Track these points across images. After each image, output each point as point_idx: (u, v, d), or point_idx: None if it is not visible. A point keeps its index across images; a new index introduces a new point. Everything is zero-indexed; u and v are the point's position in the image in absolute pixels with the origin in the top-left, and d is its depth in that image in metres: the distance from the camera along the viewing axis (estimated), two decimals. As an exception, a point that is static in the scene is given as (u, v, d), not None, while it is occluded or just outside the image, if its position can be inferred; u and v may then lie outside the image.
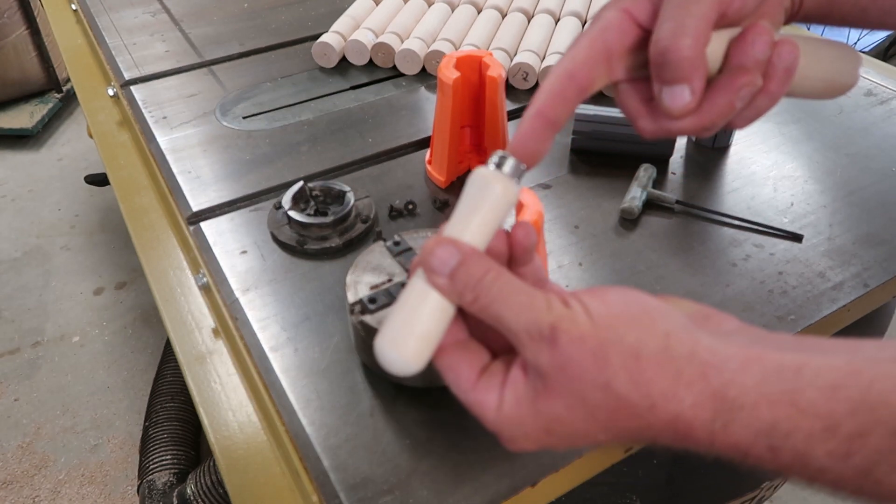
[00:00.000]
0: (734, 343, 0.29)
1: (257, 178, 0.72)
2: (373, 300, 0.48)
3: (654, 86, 0.34)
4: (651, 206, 0.67)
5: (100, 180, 1.93)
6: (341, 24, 0.95)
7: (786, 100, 0.69)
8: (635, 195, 0.66)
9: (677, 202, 0.67)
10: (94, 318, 1.67)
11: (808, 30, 1.37)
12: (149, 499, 1.15)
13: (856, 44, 1.87)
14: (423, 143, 0.77)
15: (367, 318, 0.47)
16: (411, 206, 0.67)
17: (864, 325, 0.70)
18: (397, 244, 0.53)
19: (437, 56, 0.88)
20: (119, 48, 0.97)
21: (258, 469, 0.50)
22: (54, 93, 2.38)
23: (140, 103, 0.85)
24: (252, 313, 0.56)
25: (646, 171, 0.69)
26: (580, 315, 0.30)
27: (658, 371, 0.28)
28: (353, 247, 0.63)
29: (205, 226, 0.66)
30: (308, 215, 0.63)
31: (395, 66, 0.91)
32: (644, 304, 0.30)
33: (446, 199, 0.68)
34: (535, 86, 0.85)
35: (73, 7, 1.14)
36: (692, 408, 0.28)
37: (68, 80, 2.38)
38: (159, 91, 0.88)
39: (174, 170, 0.73)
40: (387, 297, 0.49)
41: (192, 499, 1.09)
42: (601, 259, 0.61)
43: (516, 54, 0.87)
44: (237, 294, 0.58)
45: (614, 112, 0.73)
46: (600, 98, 0.84)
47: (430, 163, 0.72)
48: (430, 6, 1.00)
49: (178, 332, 0.60)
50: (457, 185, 0.71)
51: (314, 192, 0.66)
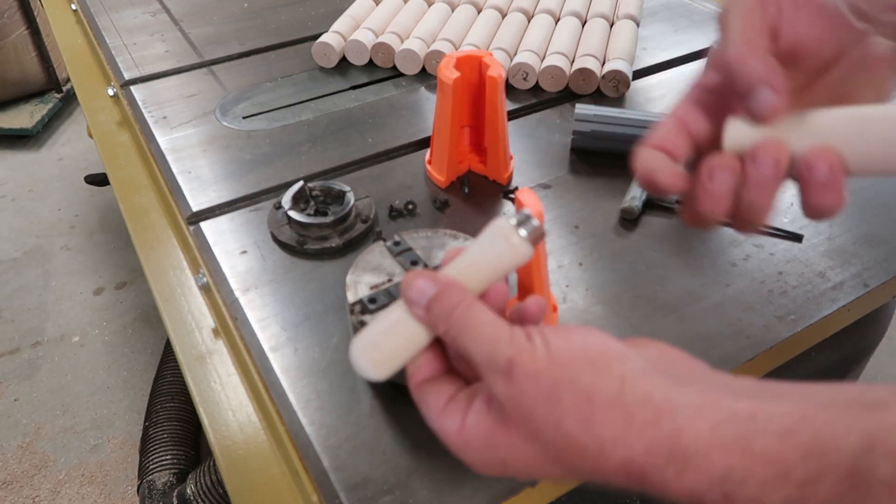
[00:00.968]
0: (691, 390, 0.29)
1: (257, 178, 0.72)
2: (373, 300, 0.48)
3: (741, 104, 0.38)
4: (651, 206, 0.67)
5: (100, 180, 1.93)
6: (341, 24, 0.95)
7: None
8: (635, 195, 0.66)
9: (677, 202, 0.67)
10: (94, 318, 1.67)
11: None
12: (149, 499, 1.15)
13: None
14: (423, 143, 0.77)
15: (367, 318, 0.47)
16: (411, 206, 0.67)
17: (865, 325, 0.70)
18: (397, 244, 0.53)
19: (437, 56, 0.88)
20: (119, 48, 0.97)
21: (258, 469, 0.50)
22: (54, 93, 2.38)
23: (140, 103, 0.85)
24: (252, 313, 0.56)
25: (646, 171, 0.69)
26: (539, 351, 0.30)
27: (609, 415, 0.28)
28: (353, 247, 0.63)
29: (205, 226, 0.66)
30: (308, 215, 0.63)
31: (395, 66, 0.91)
32: (604, 346, 0.31)
33: (446, 199, 0.68)
34: (536, 86, 0.85)
35: (73, 7, 1.14)
36: (644, 454, 0.28)
37: (68, 80, 2.38)
38: (159, 91, 0.88)
39: (174, 170, 0.73)
40: (387, 297, 0.49)
41: (192, 499, 1.09)
42: (601, 259, 0.61)
43: (516, 54, 0.87)
44: (237, 294, 0.58)
45: (614, 112, 0.73)
46: (600, 98, 0.84)
47: (430, 163, 0.72)
48: (430, 6, 1.00)
49: (178, 332, 0.60)
50: (456, 185, 0.71)
51: (314, 192, 0.66)
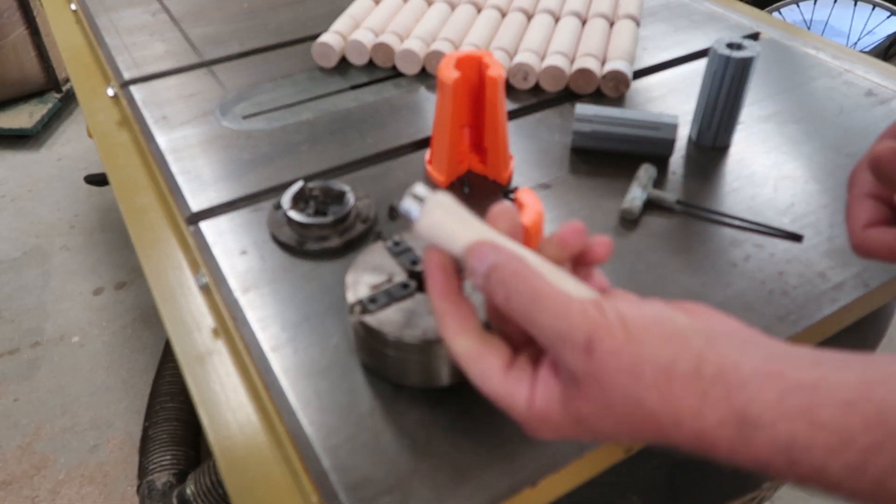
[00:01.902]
0: (756, 360, 0.30)
1: (257, 178, 0.72)
2: (373, 300, 0.48)
3: None
4: (651, 206, 0.67)
5: (99, 180, 1.93)
6: (341, 24, 0.94)
7: (785, 99, 0.70)
8: (635, 195, 0.66)
9: (677, 202, 0.67)
10: (93, 318, 1.66)
11: (809, 29, 1.37)
12: (148, 499, 1.15)
13: (856, 44, 1.87)
14: (423, 143, 0.77)
15: (367, 318, 0.47)
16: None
17: (865, 325, 0.70)
18: (397, 244, 0.53)
19: (437, 56, 0.88)
20: (119, 48, 0.97)
21: (258, 469, 0.50)
22: (54, 93, 2.38)
23: (140, 103, 0.85)
24: (252, 313, 0.56)
25: (646, 171, 0.69)
26: (616, 327, 0.30)
27: (687, 390, 0.29)
28: (353, 247, 0.63)
29: (204, 226, 0.66)
30: (308, 215, 0.63)
31: (395, 66, 0.91)
32: (674, 321, 0.31)
33: (446, 199, 0.68)
34: (536, 86, 0.85)
35: (73, 7, 1.14)
36: (716, 426, 0.29)
37: (68, 80, 2.38)
38: (159, 91, 0.88)
39: (174, 170, 0.73)
40: (387, 297, 0.49)
41: (191, 499, 1.09)
42: (601, 259, 0.61)
43: (516, 54, 0.87)
44: (237, 294, 0.58)
45: (614, 111, 0.73)
46: (600, 98, 0.84)
47: (430, 163, 0.72)
48: (430, 6, 1.00)
49: (177, 332, 0.60)
50: (457, 185, 0.71)
51: (314, 193, 0.66)
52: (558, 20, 0.95)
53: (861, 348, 0.78)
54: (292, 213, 0.62)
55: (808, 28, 1.89)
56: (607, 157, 0.74)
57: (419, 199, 0.37)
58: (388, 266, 0.51)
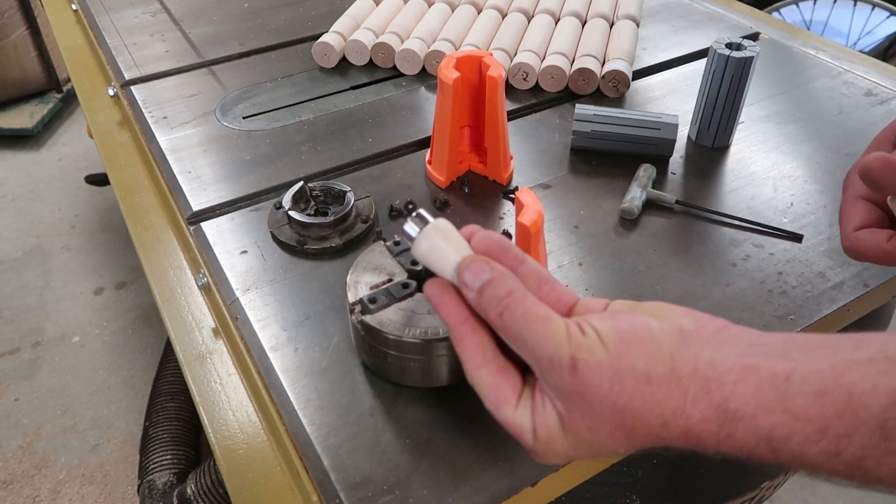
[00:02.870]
0: (729, 355, 0.32)
1: (257, 178, 0.72)
2: (373, 300, 0.48)
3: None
4: (651, 206, 0.67)
5: (100, 180, 1.93)
6: (341, 24, 0.95)
7: (785, 99, 0.70)
8: (635, 195, 0.66)
9: (677, 202, 0.67)
10: (94, 318, 1.67)
11: (808, 29, 1.37)
12: (149, 499, 1.15)
13: (856, 44, 1.87)
14: (423, 143, 0.77)
15: (368, 318, 0.47)
16: (411, 206, 0.67)
17: (864, 325, 0.70)
18: (397, 244, 0.53)
19: (437, 56, 0.88)
20: (119, 48, 0.97)
21: (258, 469, 0.50)
22: (54, 93, 2.38)
23: (140, 103, 0.85)
24: (252, 313, 0.56)
25: (646, 171, 0.69)
26: (596, 344, 0.33)
27: (667, 392, 0.31)
28: (353, 247, 0.63)
29: (205, 226, 0.66)
30: (308, 215, 0.63)
31: (395, 66, 0.91)
32: (648, 327, 0.33)
33: (446, 199, 0.68)
34: (536, 86, 0.85)
35: (74, 7, 1.15)
36: (700, 422, 0.31)
37: (68, 80, 2.38)
38: (159, 91, 0.88)
39: (174, 170, 0.73)
40: (387, 297, 0.49)
41: (192, 499, 1.09)
42: (601, 259, 0.61)
43: (516, 54, 0.87)
44: (237, 294, 0.58)
45: (614, 111, 0.73)
46: (600, 98, 0.84)
47: (430, 163, 0.73)
48: (430, 6, 1.00)
49: (178, 331, 0.60)
50: (456, 185, 0.71)
51: (314, 192, 0.66)
52: (558, 20, 0.95)
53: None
54: (293, 213, 0.62)
55: (808, 28, 1.89)
56: (607, 157, 0.74)
57: (420, 222, 0.38)
58: (389, 266, 0.51)
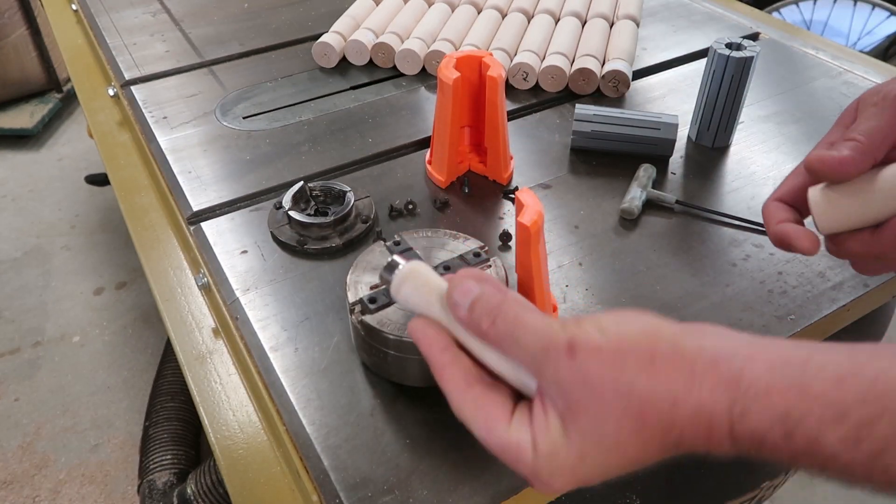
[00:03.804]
0: (736, 342, 0.30)
1: (257, 178, 0.72)
2: (373, 300, 0.48)
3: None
4: (651, 206, 0.67)
5: (100, 180, 1.93)
6: (341, 24, 0.95)
7: (785, 99, 0.70)
8: (635, 195, 0.66)
9: (677, 202, 0.67)
10: (94, 318, 1.67)
11: (808, 29, 1.37)
12: (149, 498, 1.15)
13: (856, 44, 1.87)
14: (423, 143, 0.77)
15: (368, 318, 0.47)
16: (411, 206, 0.67)
17: (864, 325, 0.70)
18: (397, 244, 0.53)
19: (437, 56, 0.88)
20: (119, 48, 0.97)
21: (258, 469, 0.50)
22: (54, 93, 2.38)
23: (140, 103, 0.85)
24: (252, 313, 0.56)
25: (646, 171, 0.69)
26: (592, 330, 0.31)
27: (673, 367, 0.30)
28: (353, 247, 0.63)
29: (205, 226, 0.66)
30: (308, 215, 0.63)
31: (395, 66, 0.91)
32: (647, 317, 0.32)
33: (446, 199, 0.68)
34: (536, 86, 0.85)
35: (74, 7, 1.15)
36: (710, 398, 0.29)
37: (68, 80, 2.38)
38: (159, 91, 0.88)
39: (174, 170, 0.73)
40: (387, 296, 0.49)
41: (192, 498, 1.09)
42: (601, 259, 0.61)
43: (516, 54, 0.87)
44: (237, 294, 0.58)
45: (614, 112, 0.73)
46: (600, 98, 0.84)
47: (430, 163, 0.73)
48: (430, 6, 1.00)
49: (178, 331, 0.60)
50: (456, 185, 0.71)
51: (314, 192, 0.66)
52: (558, 20, 0.95)
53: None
54: (293, 213, 0.62)
55: (808, 28, 1.89)
56: (607, 157, 0.74)
57: (392, 269, 0.38)
58: (388, 266, 0.51)
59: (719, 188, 0.70)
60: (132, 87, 0.89)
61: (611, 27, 0.93)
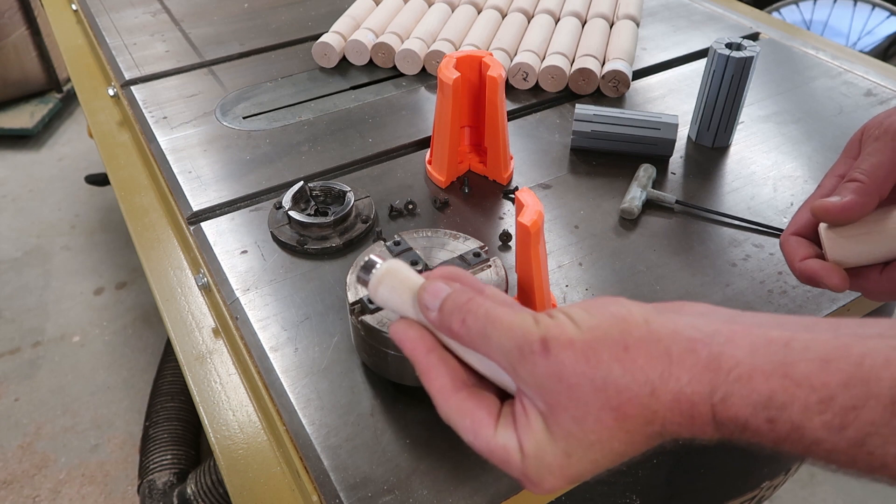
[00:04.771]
0: (713, 321, 0.29)
1: (257, 178, 0.72)
2: (372, 300, 0.48)
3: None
4: (651, 206, 0.67)
5: (100, 180, 1.93)
6: (341, 24, 0.95)
7: (785, 99, 0.70)
8: (635, 195, 0.66)
9: (677, 202, 0.67)
10: (94, 318, 1.67)
11: (808, 29, 1.37)
12: (149, 498, 1.15)
13: (856, 44, 1.87)
14: (423, 143, 0.77)
15: (368, 318, 0.47)
16: (411, 206, 0.67)
17: (864, 324, 0.70)
18: (397, 244, 0.53)
19: (437, 56, 0.88)
20: (119, 48, 0.97)
21: (258, 469, 0.50)
22: (54, 93, 2.38)
23: (140, 103, 0.85)
24: (252, 313, 0.56)
25: (645, 171, 0.69)
26: (566, 323, 0.30)
27: (648, 355, 0.29)
28: (353, 247, 0.63)
29: (205, 226, 0.66)
30: (308, 215, 0.63)
31: (395, 66, 0.91)
32: (618, 301, 0.31)
33: (446, 199, 0.68)
34: (536, 86, 0.85)
35: (74, 7, 1.15)
36: (689, 383, 0.28)
37: (68, 80, 2.38)
38: (159, 91, 0.88)
39: (174, 170, 0.73)
40: (386, 296, 0.49)
41: (192, 498, 1.09)
42: (601, 259, 0.61)
43: (516, 54, 0.87)
44: (237, 294, 0.58)
45: (614, 112, 0.73)
46: (600, 98, 0.84)
47: (430, 163, 0.73)
48: (430, 6, 1.00)
49: (178, 331, 0.60)
50: (456, 185, 0.71)
51: (314, 192, 0.66)
52: (558, 20, 0.95)
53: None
54: (293, 213, 0.62)
55: (808, 28, 1.89)
56: (607, 157, 0.74)
57: (372, 266, 0.37)
58: (388, 266, 0.51)
59: (719, 188, 0.70)
60: (132, 87, 0.89)
61: (611, 27, 0.93)
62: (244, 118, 0.82)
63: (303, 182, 0.65)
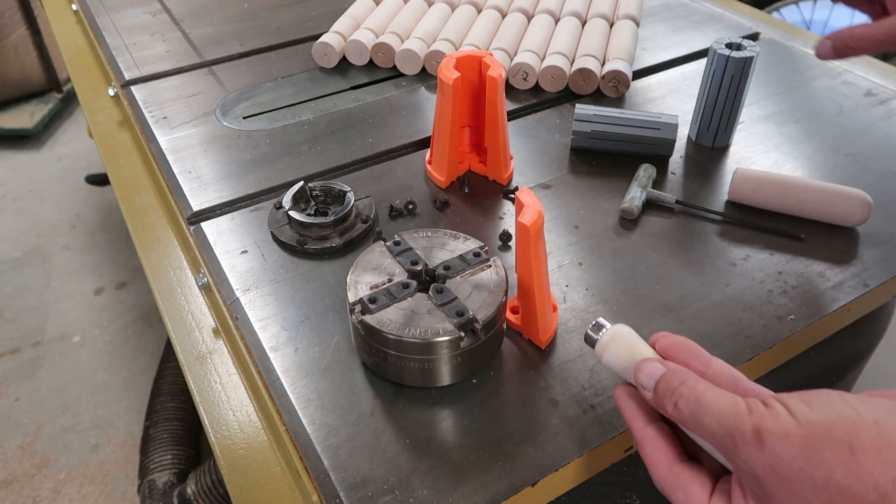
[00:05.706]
0: None
1: (257, 178, 0.72)
2: (373, 300, 0.48)
3: None
4: (651, 205, 0.67)
5: (100, 180, 1.94)
6: (341, 24, 0.95)
7: (785, 99, 0.70)
8: (635, 195, 0.66)
9: (677, 202, 0.67)
10: (94, 318, 1.67)
11: (808, 29, 1.37)
12: (149, 498, 1.15)
13: (856, 44, 1.86)
14: (423, 143, 0.77)
15: (368, 318, 0.47)
16: (411, 206, 0.67)
17: (864, 325, 0.70)
18: (397, 244, 0.53)
19: (437, 56, 0.88)
20: (119, 48, 0.97)
21: (258, 469, 0.50)
22: (55, 93, 2.38)
23: (140, 103, 0.85)
24: (252, 313, 0.56)
25: (645, 171, 0.69)
26: (782, 414, 0.30)
27: (878, 461, 0.28)
28: (353, 247, 0.63)
29: (205, 226, 0.66)
30: (308, 215, 0.63)
31: (395, 66, 0.91)
32: (843, 397, 0.31)
33: (446, 199, 0.68)
34: (536, 86, 0.85)
35: (74, 7, 1.15)
36: None
37: (68, 80, 2.38)
38: (159, 91, 0.88)
39: (174, 170, 0.73)
40: (387, 296, 0.49)
41: (192, 498, 1.09)
42: (601, 259, 0.61)
43: (516, 54, 0.87)
44: (237, 294, 0.58)
45: (614, 112, 0.73)
46: (600, 98, 0.84)
47: (430, 163, 0.73)
48: (430, 6, 1.00)
49: (178, 331, 0.60)
50: (456, 185, 0.71)
51: (314, 192, 0.66)
52: (558, 20, 0.95)
53: (861, 348, 0.78)
54: (293, 213, 0.62)
55: (808, 28, 1.89)
56: (607, 157, 0.74)
57: (598, 329, 0.41)
58: (388, 266, 0.51)
59: (719, 188, 0.70)
60: (132, 87, 0.89)
61: (611, 27, 0.93)
62: (244, 118, 0.82)
63: (303, 182, 0.65)
